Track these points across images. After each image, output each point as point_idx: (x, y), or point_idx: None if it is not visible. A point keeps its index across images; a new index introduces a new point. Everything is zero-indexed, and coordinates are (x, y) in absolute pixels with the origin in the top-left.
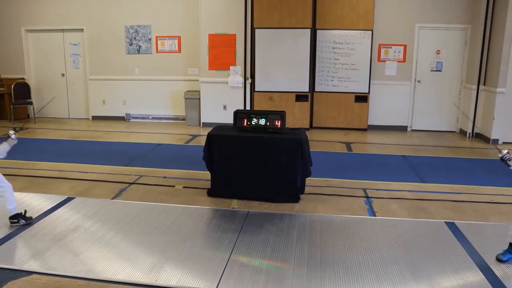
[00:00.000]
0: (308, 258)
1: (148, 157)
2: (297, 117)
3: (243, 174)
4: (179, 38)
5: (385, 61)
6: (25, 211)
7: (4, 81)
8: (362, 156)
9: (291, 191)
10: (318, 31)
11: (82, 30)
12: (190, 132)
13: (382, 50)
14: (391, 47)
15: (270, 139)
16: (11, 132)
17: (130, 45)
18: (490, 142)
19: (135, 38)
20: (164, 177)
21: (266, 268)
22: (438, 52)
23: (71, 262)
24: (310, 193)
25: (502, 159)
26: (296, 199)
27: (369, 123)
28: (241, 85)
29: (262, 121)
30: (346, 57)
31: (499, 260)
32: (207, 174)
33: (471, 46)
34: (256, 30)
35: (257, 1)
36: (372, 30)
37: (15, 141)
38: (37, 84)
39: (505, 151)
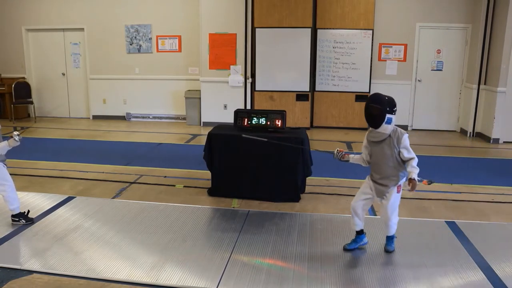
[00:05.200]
0: (308, 258)
1: (149, 157)
2: (297, 116)
3: (243, 174)
4: (179, 37)
5: (385, 60)
6: (28, 211)
7: (4, 80)
8: None
9: (292, 191)
10: (318, 31)
11: (82, 29)
12: (190, 131)
13: (383, 49)
14: (391, 47)
15: (271, 139)
16: (16, 133)
17: (131, 44)
18: (491, 142)
19: (135, 37)
20: (165, 177)
21: (267, 267)
22: (438, 51)
23: (71, 262)
24: (310, 193)
25: (338, 158)
26: (296, 199)
27: None
28: (242, 84)
29: (263, 121)
30: (346, 56)
31: (345, 249)
32: (207, 174)
33: (471, 46)
34: (257, 29)
35: (257, 0)
36: (372, 30)
37: (18, 143)
38: (37, 84)
39: (335, 151)
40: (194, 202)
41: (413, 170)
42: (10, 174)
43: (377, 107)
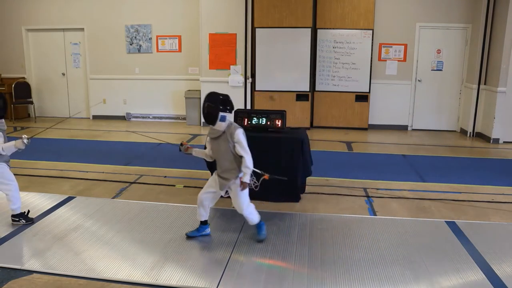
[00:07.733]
0: (308, 258)
1: (149, 157)
2: (297, 116)
3: None
4: (179, 37)
5: (385, 60)
6: (28, 211)
7: (4, 80)
8: (362, 156)
9: (292, 191)
10: (318, 30)
11: (82, 29)
12: (190, 131)
13: (383, 49)
14: (391, 47)
15: (271, 139)
16: (25, 136)
17: (131, 44)
18: (491, 142)
19: (135, 37)
20: (165, 177)
21: (267, 267)
22: (438, 51)
23: (71, 262)
24: (310, 193)
25: (183, 151)
26: (296, 199)
27: (370, 122)
28: (242, 84)
29: (263, 121)
30: (346, 56)
31: (187, 236)
32: (207, 174)
33: (471, 45)
34: (257, 29)
35: (257, 0)
36: (372, 30)
37: (23, 147)
38: (37, 84)
39: (179, 144)
40: (194, 202)
41: (246, 171)
42: None
43: (211, 105)
